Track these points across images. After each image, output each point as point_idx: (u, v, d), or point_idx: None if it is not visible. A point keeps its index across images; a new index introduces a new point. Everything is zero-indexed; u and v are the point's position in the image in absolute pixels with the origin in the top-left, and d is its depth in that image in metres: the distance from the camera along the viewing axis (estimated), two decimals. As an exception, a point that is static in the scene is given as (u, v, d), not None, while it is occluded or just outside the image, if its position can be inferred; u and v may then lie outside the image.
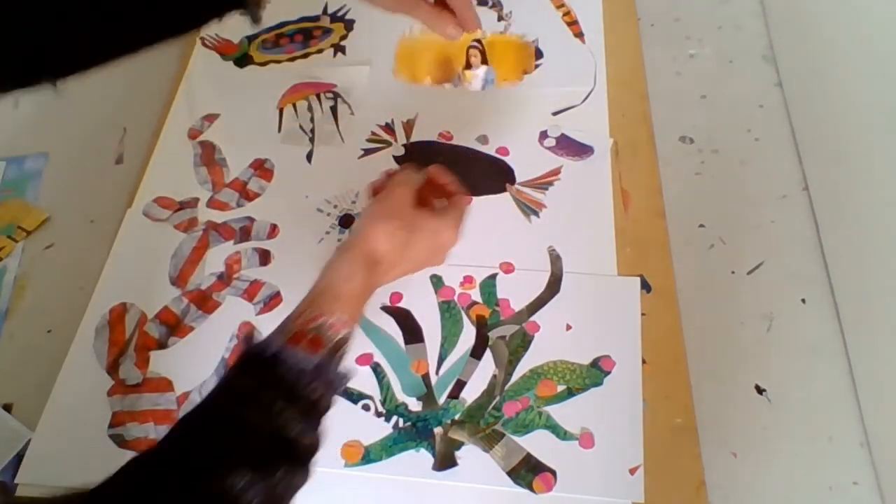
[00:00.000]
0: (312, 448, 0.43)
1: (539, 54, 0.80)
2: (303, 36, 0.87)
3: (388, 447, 0.57)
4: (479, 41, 0.55)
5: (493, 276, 0.65)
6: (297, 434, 0.41)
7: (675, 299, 0.63)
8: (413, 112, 0.77)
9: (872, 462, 0.55)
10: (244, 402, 0.41)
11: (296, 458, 0.41)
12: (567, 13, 0.84)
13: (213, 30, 0.88)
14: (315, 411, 0.43)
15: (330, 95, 0.80)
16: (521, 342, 0.61)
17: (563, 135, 0.73)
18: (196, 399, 0.61)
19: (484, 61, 0.56)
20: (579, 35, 0.82)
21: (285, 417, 0.41)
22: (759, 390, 0.59)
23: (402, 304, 0.64)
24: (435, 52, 0.55)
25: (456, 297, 0.64)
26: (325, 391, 0.43)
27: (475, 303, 0.64)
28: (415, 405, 0.59)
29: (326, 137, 0.77)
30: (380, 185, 0.58)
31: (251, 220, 0.71)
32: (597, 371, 0.59)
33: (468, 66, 0.57)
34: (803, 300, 0.63)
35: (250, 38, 0.87)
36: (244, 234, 0.71)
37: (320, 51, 0.85)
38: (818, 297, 0.63)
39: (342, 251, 0.51)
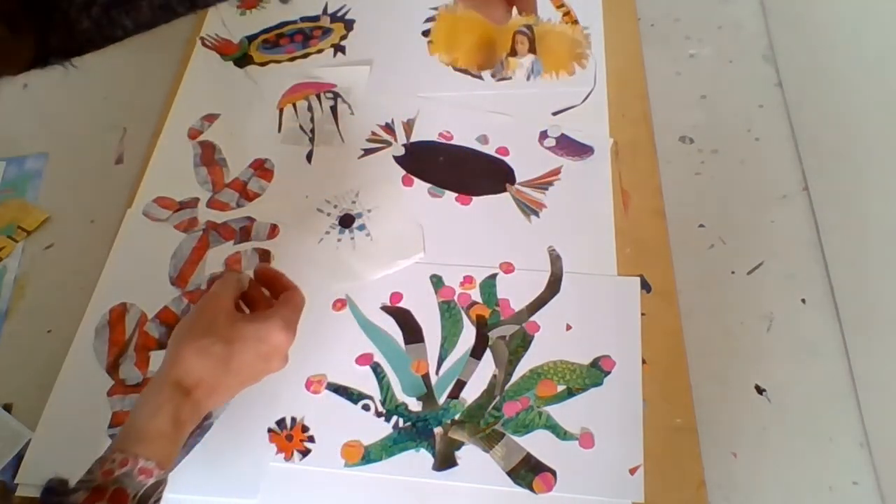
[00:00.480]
0: None
1: (539, 54, 0.81)
2: (303, 36, 0.87)
3: (388, 447, 0.57)
4: (529, 27, 0.46)
5: (493, 276, 0.65)
6: None
7: (675, 299, 0.63)
8: (413, 112, 0.77)
9: (872, 462, 0.55)
10: None
11: None
12: (567, 13, 0.84)
13: (213, 29, 0.88)
14: None
15: (330, 95, 0.80)
16: (521, 342, 0.61)
17: (563, 135, 0.73)
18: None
19: (532, 50, 0.48)
20: (579, 35, 0.82)
21: None
22: (759, 390, 0.59)
23: (402, 304, 0.64)
24: (478, 32, 0.47)
25: (456, 297, 0.64)
26: None
27: (475, 303, 0.64)
28: (415, 405, 0.59)
29: (326, 137, 0.77)
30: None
31: (251, 220, 0.71)
32: (597, 371, 0.59)
33: (513, 52, 0.48)
34: (803, 300, 0.63)
35: (250, 38, 0.87)
36: (244, 235, 0.71)
37: (320, 51, 0.85)
38: (818, 297, 0.63)
39: (150, 383, 0.46)
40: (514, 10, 0.43)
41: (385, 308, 0.64)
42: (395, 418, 0.58)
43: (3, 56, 0.44)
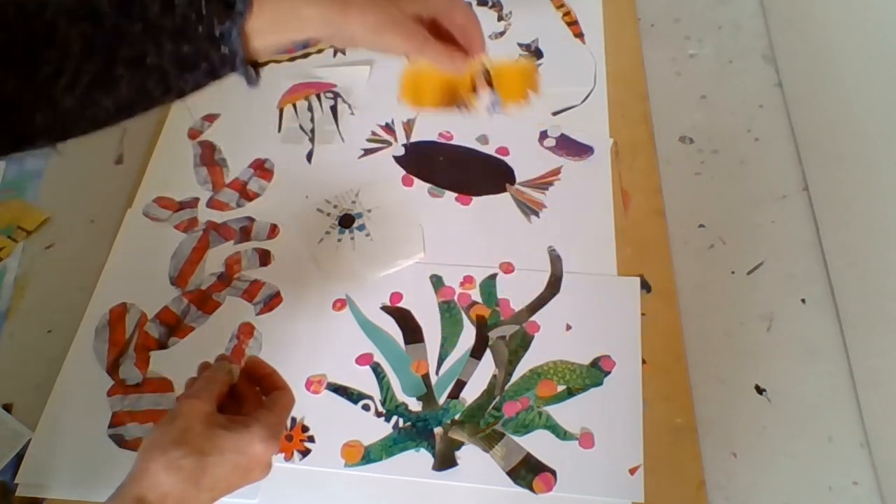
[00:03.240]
0: None
1: (539, 54, 0.81)
2: (303, 36, 0.86)
3: (388, 447, 0.57)
4: (484, 66, 0.52)
5: (493, 276, 0.65)
6: None
7: (675, 299, 0.63)
8: (413, 112, 0.77)
9: (872, 462, 0.55)
10: None
11: None
12: (567, 13, 0.84)
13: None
14: None
15: (330, 95, 0.80)
16: (521, 342, 0.61)
17: (563, 135, 0.73)
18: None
19: (489, 84, 0.53)
20: (579, 35, 0.82)
21: None
22: (759, 390, 0.59)
23: (402, 304, 0.64)
24: (440, 78, 0.52)
25: (456, 297, 0.64)
26: None
27: (475, 303, 0.64)
28: (415, 405, 0.59)
29: (326, 137, 0.77)
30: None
31: (251, 220, 0.71)
32: (597, 371, 0.59)
33: (473, 90, 0.53)
34: (803, 300, 0.63)
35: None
36: (244, 234, 0.71)
37: (320, 51, 0.85)
38: (818, 297, 0.63)
39: (112, 496, 0.42)
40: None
41: (385, 308, 0.64)
42: (395, 418, 0.58)
43: None
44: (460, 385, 0.60)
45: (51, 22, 0.42)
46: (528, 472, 0.55)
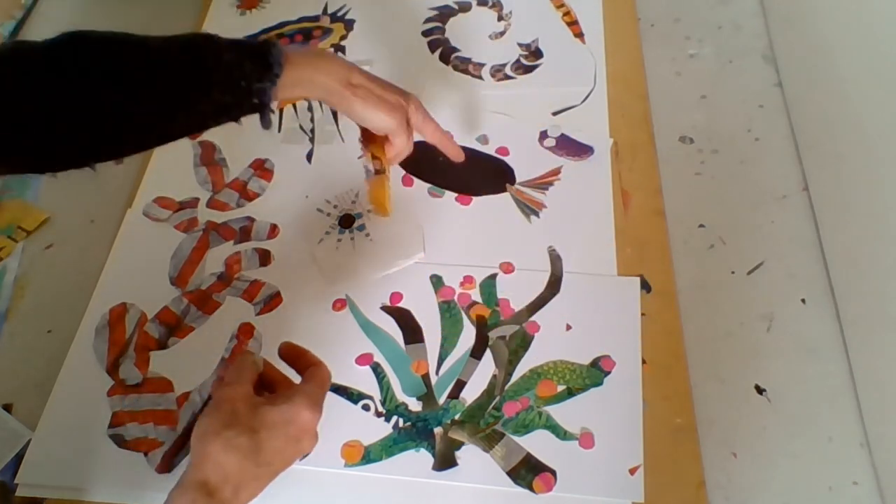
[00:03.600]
0: None
1: (539, 54, 0.81)
2: (303, 36, 0.87)
3: (388, 447, 0.57)
4: (381, 166, 0.62)
5: (493, 276, 0.65)
6: None
7: (675, 299, 0.63)
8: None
9: (872, 462, 0.55)
10: None
11: None
12: (567, 13, 0.84)
13: (213, 29, 0.88)
14: None
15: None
16: (521, 342, 0.61)
17: (563, 135, 0.73)
18: (196, 399, 0.61)
19: (376, 171, 0.63)
20: (579, 35, 0.82)
21: None
22: (759, 390, 0.59)
23: (402, 304, 0.64)
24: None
25: (456, 297, 0.64)
26: None
27: (475, 303, 0.64)
28: (415, 405, 0.59)
29: (326, 137, 0.77)
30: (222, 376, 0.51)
31: (251, 220, 0.71)
32: (597, 371, 0.59)
33: (376, 157, 0.62)
34: (803, 300, 0.63)
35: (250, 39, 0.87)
36: (244, 235, 0.71)
37: (320, 51, 0.85)
38: (818, 297, 0.63)
39: (175, 486, 0.43)
40: None
41: (385, 308, 0.64)
42: (395, 418, 0.58)
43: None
44: (460, 385, 0.60)
45: (134, 67, 0.49)
46: (528, 472, 0.55)
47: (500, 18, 0.85)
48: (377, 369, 0.61)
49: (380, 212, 0.67)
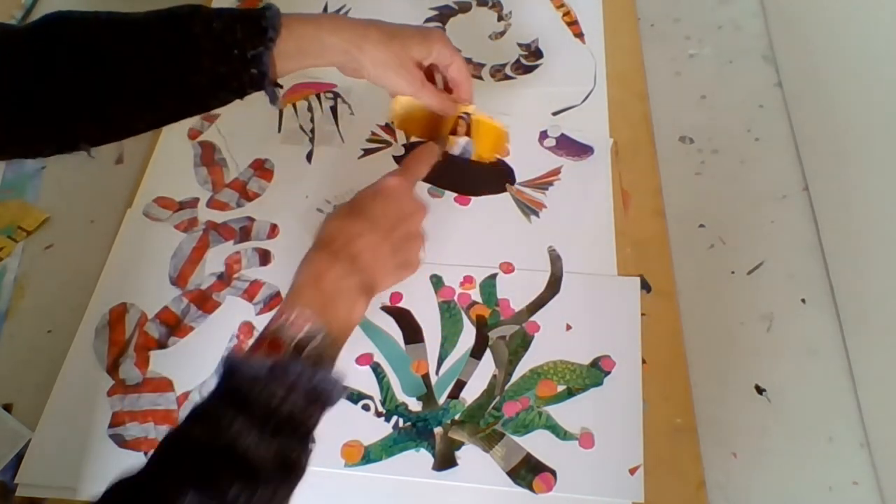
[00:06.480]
0: (280, 459, 0.38)
1: (539, 54, 0.81)
2: (303, 36, 0.86)
3: (388, 447, 0.57)
4: (467, 114, 0.61)
5: (493, 276, 0.65)
6: (250, 446, 0.37)
7: (675, 299, 0.63)
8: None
9: (872, 462, 0.55)
10: (195, 418, 0.39)
11: (253, 473, 0.37)
12: (567, 13, 0.84)
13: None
14: (278, 419, 0.39)
15: (330, 95, 0.80)
16: (521, 342, 0.61)
17: (563, 135, 0.73)
18: (196, 399, 0.61)
19: (467, 133, 0.62)
20: (579, 35, 0.82)
21: (235, 430, 0.37)
22: (759, 390, 0.59)
23: (402, 304, 0.64)
24: (427, 114, 0.60)
25: (456, 297, 0.64)
26: (287, 394, 0.39)
27: (475, 303, 0.64)
28: (415, 405, 0.59)
29: (326, 137, 0.77)
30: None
31: (251, 220, 0.71)
32: (597, 371, 0.59)
33: (454, 132, 0.62)
34: (803, 300, 0.63)
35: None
36: (244, 234, 0.71)
37: (320, 51, 0.85)
38: (818, 297, 0.63)
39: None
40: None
41: (385, 308, 0.64)
42: (395, 418, 0.58)
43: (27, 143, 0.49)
44: (460, 385, 0.60)
45: (115, 42, 0.48)
46: (528, 472, 0.55)
47: (499, 18, 0.85)
48: (377, 369, 0.61)
49: (501, 153, 0.68)
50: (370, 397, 0.60)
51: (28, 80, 0.46)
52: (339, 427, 0.58)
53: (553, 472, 0.55)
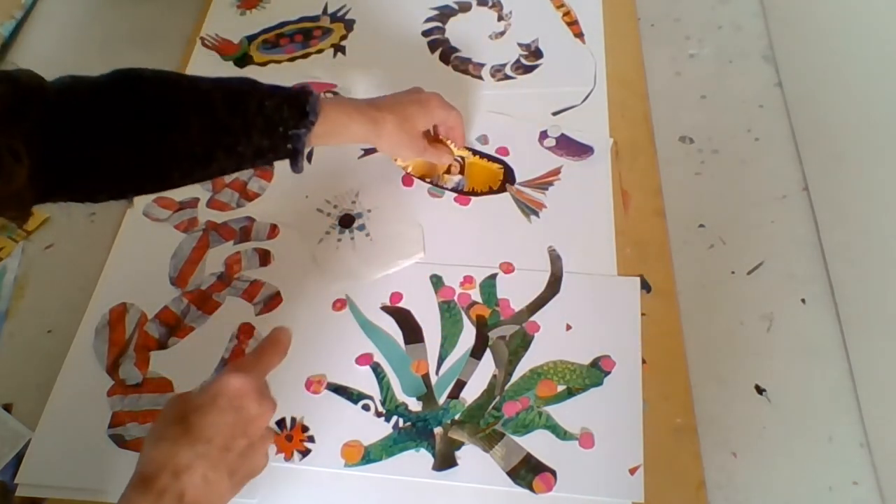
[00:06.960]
0: None
1: (539, 54, 0.81)
2: (303, 36, 0.87)
3: (388, 447, 0.57)
4: (462, 157, 0.71)
5: (493, 276, 0.65)
6: None
7: (675, 299, 0.63)
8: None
9: (872, 462, 0.55)
10: None
11: None
12: (567, 13, 0.84)
13: (213, 29, 0.88)
14: None
15: (330, 95, 0.80)
16: (521, 342, 0.61)
17: (563, 135, 0.73)
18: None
19: (461, 171, 0.71)
20: (579, 35, 0.82)
21: None
22: (759, 390, 0.59)
23: (402, 304, 0.64)
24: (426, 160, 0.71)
25: (456, 297, 0.64)
26: None
27: (475, 303, 0.64)
28: (415, 405, 0.59)
29: (326, 137, 0.77)
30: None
31: (251, 220, 0.71)
32: (597, 371, 0.59)
33: (448, 171, 0.71)
34: (803, 300, 0.63)
35: (250, 38, 0.87)
36: (244, 235, 0.71)
37: (320, 51, 0.85)
38: (818, 297, 0.63)
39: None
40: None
41: (385, 308, 0.64)
42: (395, 418, 0.58)
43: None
44: (460, 385, 0.60)
45: (181, 109, 0.52)
46: (528, 472, 0.55)
47: (500, 18, 0.85)
48: (377, 369, 0.61)
49: (494, 186, 0.71)
50: (370, 397, 0.60)
51: (97, 136, 0.49)
52: (339, 427, 0.58)
53: (553, 472, 0.55)
